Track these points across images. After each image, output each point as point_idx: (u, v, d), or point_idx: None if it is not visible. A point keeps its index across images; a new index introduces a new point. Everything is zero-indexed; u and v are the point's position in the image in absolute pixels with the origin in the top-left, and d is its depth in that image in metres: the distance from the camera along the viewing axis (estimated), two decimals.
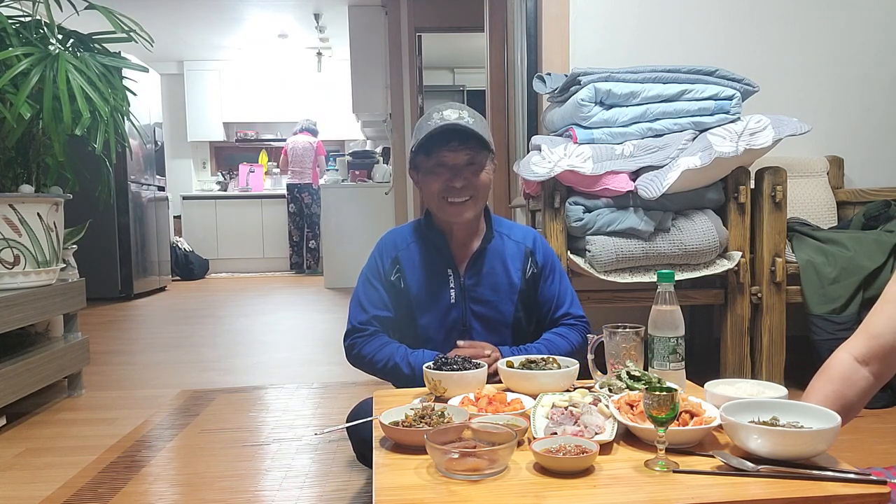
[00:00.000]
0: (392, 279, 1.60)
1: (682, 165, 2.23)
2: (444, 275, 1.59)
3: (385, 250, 1.63)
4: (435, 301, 1.59)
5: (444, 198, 1.52)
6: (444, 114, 1.51)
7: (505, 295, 1.60)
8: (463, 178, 1.51)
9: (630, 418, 1.01)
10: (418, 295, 1.59)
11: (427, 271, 1.60)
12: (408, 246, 1.63)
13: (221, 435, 2.32)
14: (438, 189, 1.52)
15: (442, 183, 1.51)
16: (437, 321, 1.59)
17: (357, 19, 6.08)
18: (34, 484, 1.93)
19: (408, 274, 1.60)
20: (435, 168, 1.52)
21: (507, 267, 1.60)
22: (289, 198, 7.76)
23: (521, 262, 1.62)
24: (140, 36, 2.66)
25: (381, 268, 1.62)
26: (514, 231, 1.66)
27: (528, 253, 1.63)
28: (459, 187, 1.51)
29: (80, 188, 2.79)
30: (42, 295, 2.55)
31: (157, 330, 4.58)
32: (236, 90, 8.44)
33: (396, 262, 1.61)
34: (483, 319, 1.60)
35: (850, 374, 1.14)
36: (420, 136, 1.52)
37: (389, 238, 1.66)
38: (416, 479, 0.91)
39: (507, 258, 1.61)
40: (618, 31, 2.92)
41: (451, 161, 1.50)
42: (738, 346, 2.47)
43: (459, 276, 1.59)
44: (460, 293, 1.59)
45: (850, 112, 2.99)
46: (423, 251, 1.61)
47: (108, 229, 5.60)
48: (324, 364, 3.35)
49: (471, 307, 1.59)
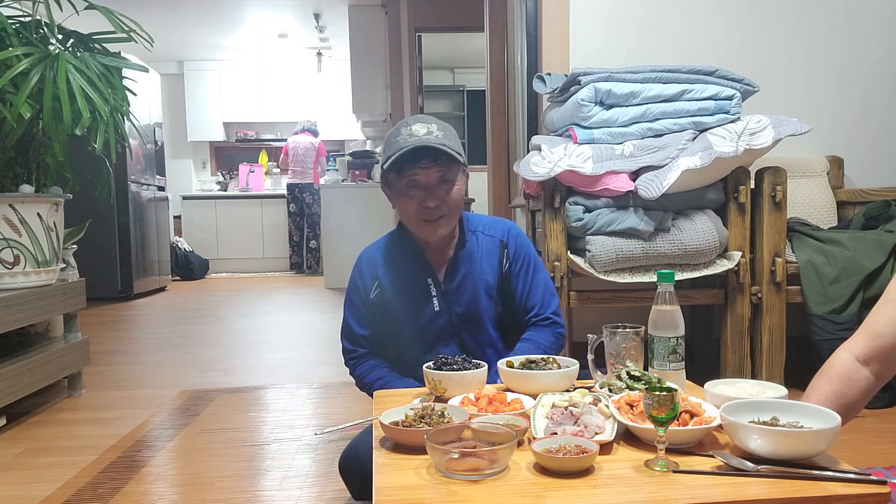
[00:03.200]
0: (372, 296, 1.61)
1: (682, 165, 2.23)
2: (425, 284, 1.60)
3: (364, 269, 1.65)
4: (420, 311, 1.59)
5: (421, 218, 1.52)
6: (413, 129, 1.49)
7: (485, 294, 1.60)
8: (436, 198, 1.50)
9: (630, 418, 1.01)
10: (402, 307, 1.60)
11: (408, 283, 1.60)
12: (385, 261, 1.63)
13: (221, 435, 2.32)
14: (414, 211, 1.52)
15: (416, 205, 1.51)
16: (426, 330, 1.60)
17: (357, 19, 6.08)
18: (34, 484, 1.93)
19: (388, 288, 1.60)
20: (407, 189, 1.51)
21: (483, 266, 1.61)
22: (289, 197, 7.76)
23: (497, 256, 1.62)
24: (140, 36, 2.66)
25: (361, 287, 1.63)
26: (489, 227, 1.65)
27: (502, 246, 1.62)
28: (433, 206, 1.50)
29: (80, 188, 2.79)
30: (42, 295, 2.55)
31: (157, 330, 4.58)
32: (236, 90, 8.44)
33: (376, 277, 1.62)
34: (469, 322, 1.60)
35: (850, 373, 1.14)
36: (390, 153, 1.50)
37: (366, 256, 1.67)
38: (416, 479, 0.91)
39: (482, 257, 1.61)
40: (618, 31, 2.92)
41: (422, 180, 1.49)
42: (738, 346, 2.47)
43: (440, 284, 1.60)
44: (443, 300, 1.59)
45: (850, 112, 2.99)
46: (401, 264, 1.62)
47: (108, 229, 5.60)
48: (324, 364, 3.35)
49: (455, 311, 1.60)
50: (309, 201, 7.75)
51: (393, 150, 1.49)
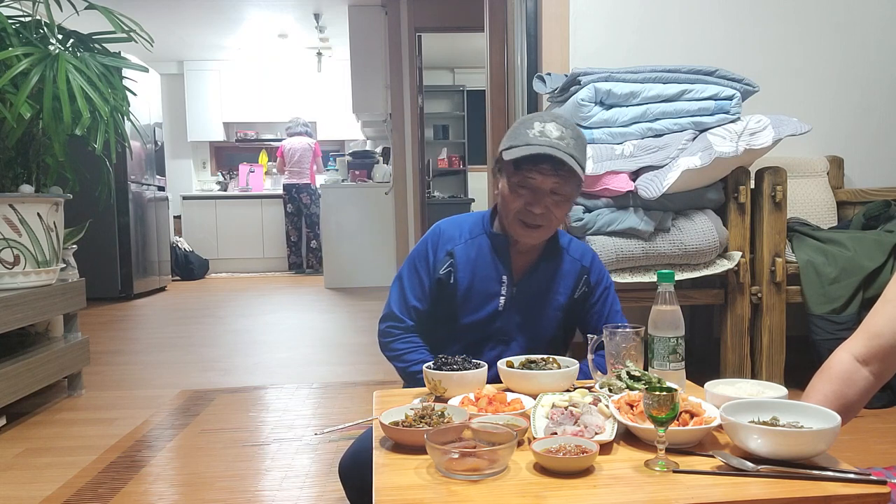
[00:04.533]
0: (441, 273, 1.52)
1: (682, 165, 2.23)
2: (498, 281, 1.51)
3: (441, 241, 1.54)
4: (482, 306, 1.52)
5: (520, 219, 1.45)
6: (547, 127, 1.40)
7: (551, 312, 1.54)
8: (543, 206, 1.42)
9: (630, 418, 1.01)
10: (466, 295, 1.52)
11: (481, 273, 1.52)
12: (466, 241, 1.53)
13: (221, 435, 2.32)
14: (517, 209, 1.44)
15: (521, 204, 1.43)
16: (480, 326, 1.52)
17: (357, 19, 6.07)
18: (34, 484, 1.93)
19: (461, 271, 1.51)
20: (518, 186, 1.43)
21: (559, 284, 1.54)
22: (286, 198, 7.76)
23: (574, 280, 1.55)
24: (140, 36, 2.66)
25: (431, 258, 1.52)
26: (572, 246, 1.58)
27: (582, 271, 1.56)
28: (537, 213, 1.42)
29: (80, 188, 2.79)
30: (42, 295, 2.55)
31: (157, 330, 4.58)
32: (236, 90, 8.44)
33: (451, 255, 1.52)
34: (525, 333, 1.53)
35: (850, 373, 1.14)
36: (515, 143, 1.42)
37: (448, 228, 1.55)
38: (416, 479, 0.91)
39: (561, 275, 1.54)
40: (618, 31, 2.92)
41: (536, 184, 1.41)
42: (738, 346, 2.47)
43: (513, 286, 1.52)
44: (510, 302, 1.52)
45: (850, 112, 2.99)
46: (482, 251, 1.53)
47: (108, 229, 5.59)
48: (324, 364, 3.35)
49: (516, 318, 1.53)
50: (307, 201, 7.76)
51: (519, 142, 1.41)
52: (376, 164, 6.87)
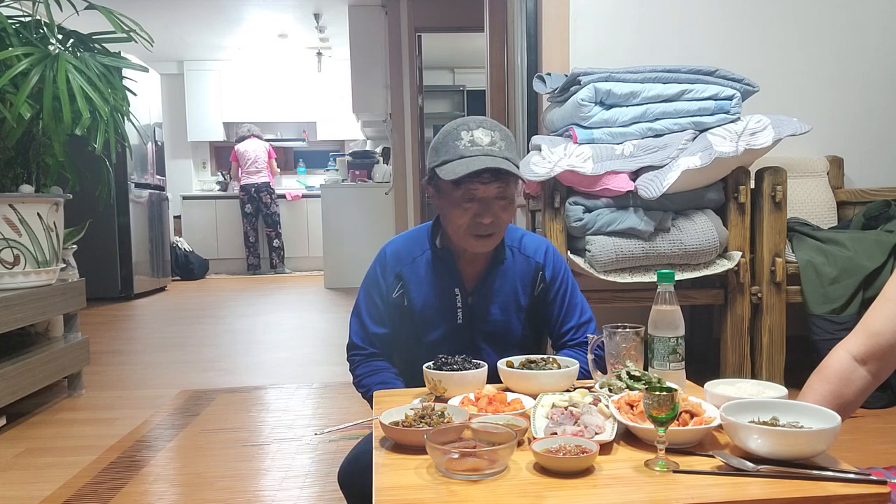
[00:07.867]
0: (394, 296, 1.51)
1: (682, 165, 2.23)
2: (451, 294, 1.51)
3: (388, 265, 1.53)
4: (442, 321, 1.51)
5: (471, 232, 1.42)
6: (476, 135, 1.38)
7: (513, 314, 1.53)
8: (491, 214, 1.40)
9: (630, 418, 1.01)
10: (424, 313, 1.51)
11: (434, 290, 1.51)
12: (413, 261, 1.52)
13: (221, 435, 2.32)
14: (465, 224, 1.42)
15: (469, 218, 1.41)
16: (445, 341, 1.50)
17: (357, 19, 6.07)
18: (34, 484, 1.93)
19: (413, 291, 1.51)
20: (462, 201, 1.40)
21: (516, 285, 1.53)
22: (245, 198, 7.77)
23: (531, 278, 1.54)
24: (140, 36, 2.66)
25: (382, 283, 1.52)
26: (525, 244, 1.56)
27: (537, 269, 1.54)
28: (487, 223, 1.40)
29: (80, 188, 2.79)
30: (42, 295, 2.55)
31: (157, 330, 4.58)
32: (236, 90, 8.44)
33: (400, 278, 1.51)
34: (492, 339, 1.53)
35: (847, 373, 1.14)
36: (446, 157, 1.39)
37: (392, 251, 1.55)
38: (416, 479, 0.91)
39: (516, 276, 1.53)
40: (618, 31, 2.92)
41: (480, 194, 1.39)
42: (738, 346, 2.47)
43: (467, 296, 1.51)
44: (468, 313, 1.51)
45: (850, 112, 2.99)
46: (430, 268, 1.52)
47: (108, 229, 5.59)
48: (324, 364, 3.35)
49: (479, 327, 1.52)
50: (266, 201, 7.80)
51: (451, 156, 1.38)
52: (376, 164, 6.88)
